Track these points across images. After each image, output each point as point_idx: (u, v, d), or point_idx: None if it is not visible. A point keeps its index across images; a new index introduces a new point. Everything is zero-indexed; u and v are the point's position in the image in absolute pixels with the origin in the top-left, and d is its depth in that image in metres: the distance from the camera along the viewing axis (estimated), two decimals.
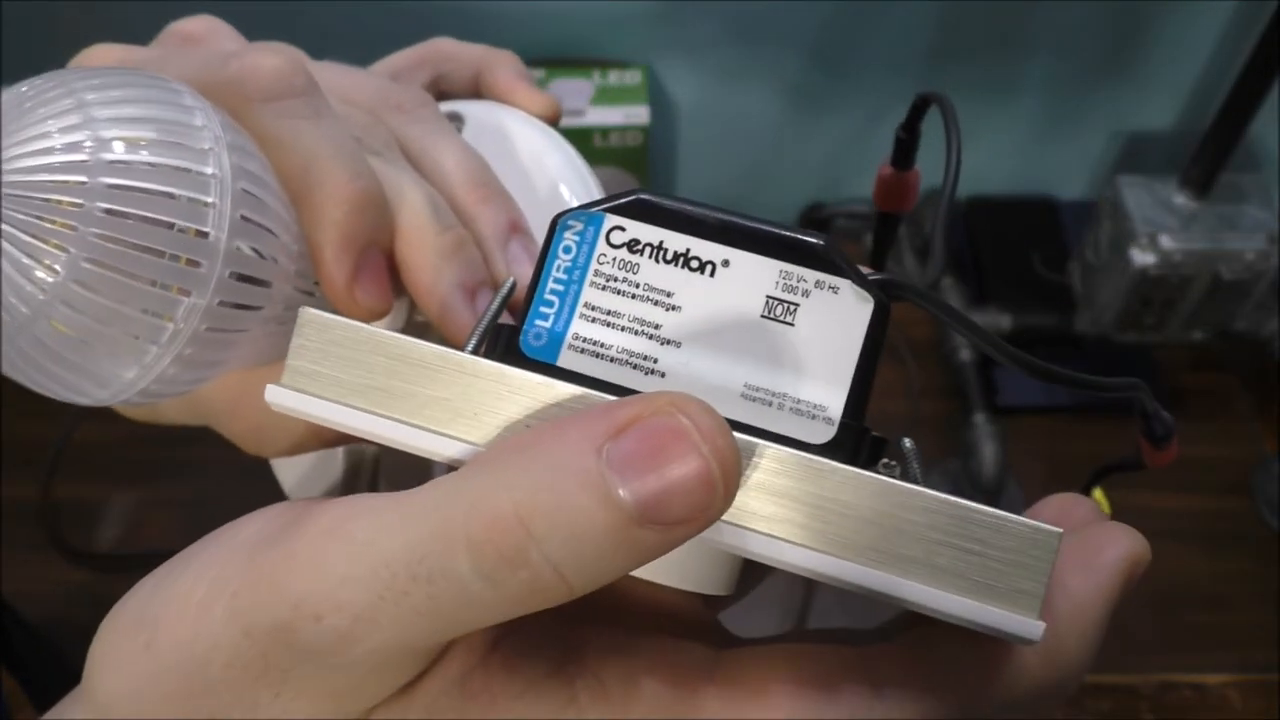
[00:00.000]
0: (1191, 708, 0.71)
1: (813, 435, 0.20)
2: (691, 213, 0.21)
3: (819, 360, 0.20)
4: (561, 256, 0.21)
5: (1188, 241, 0.74)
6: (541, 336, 0.21)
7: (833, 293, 0.20)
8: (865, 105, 0.90)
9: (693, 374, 0.20)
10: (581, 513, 0.16)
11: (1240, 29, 0.83)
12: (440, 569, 0.17)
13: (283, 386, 0.20)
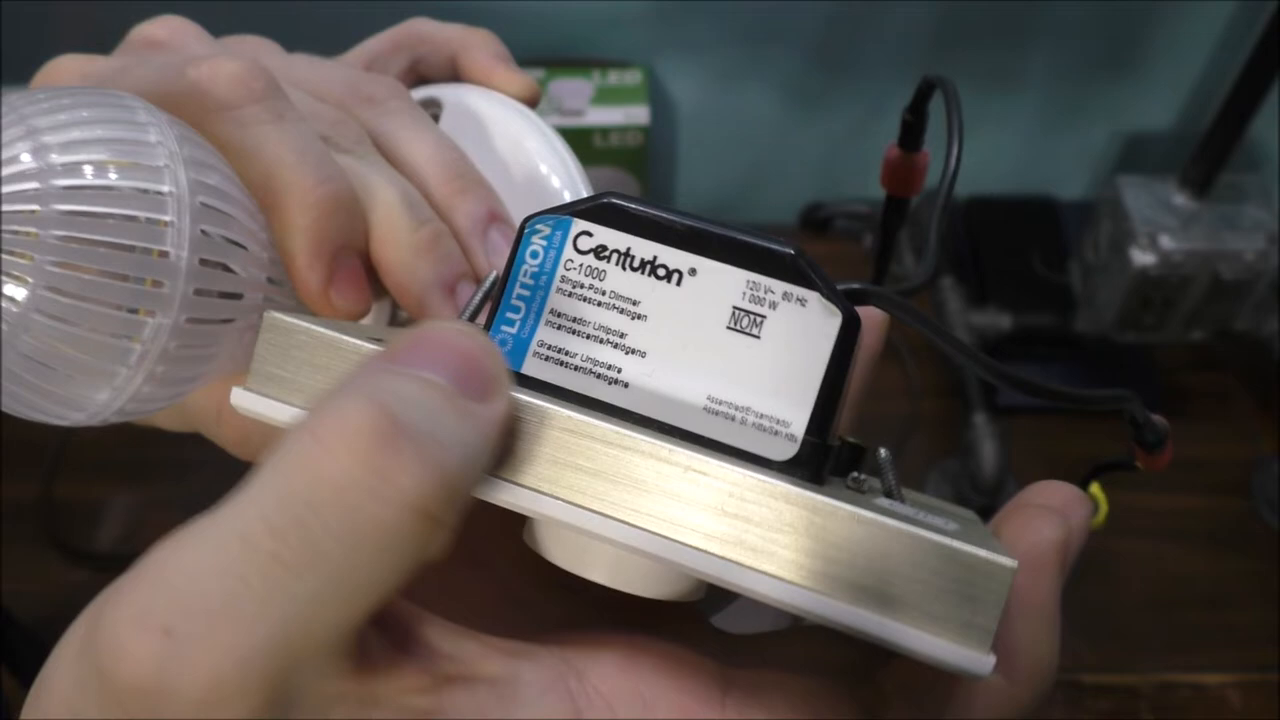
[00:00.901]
0: (1191, 708, 0.71)
1: (774, 451, 0.20)
2: (659, 219, 0.20)
3: (784, 375, 0.20)
4: (529, 261, 0.21)
5: (1188, 241, 0.74)
6: (507, 343, 0.21)
7: (800, 305, 0.20)
8: (865, 105, 0.90)
9: (656, 385, 0.20)
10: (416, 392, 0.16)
11: (1240, 29, 0.83)
12: (308, 501, 0.15)
13: (247, 390, 0.20)
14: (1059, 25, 0.84)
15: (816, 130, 0.92)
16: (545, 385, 0.21)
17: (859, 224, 0.95)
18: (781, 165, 0.95)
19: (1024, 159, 0.94)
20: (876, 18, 0.84)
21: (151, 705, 0.14)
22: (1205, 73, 0.87)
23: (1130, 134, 0.92)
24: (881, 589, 0.17)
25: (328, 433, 0.15)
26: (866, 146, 0.94)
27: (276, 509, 0.15)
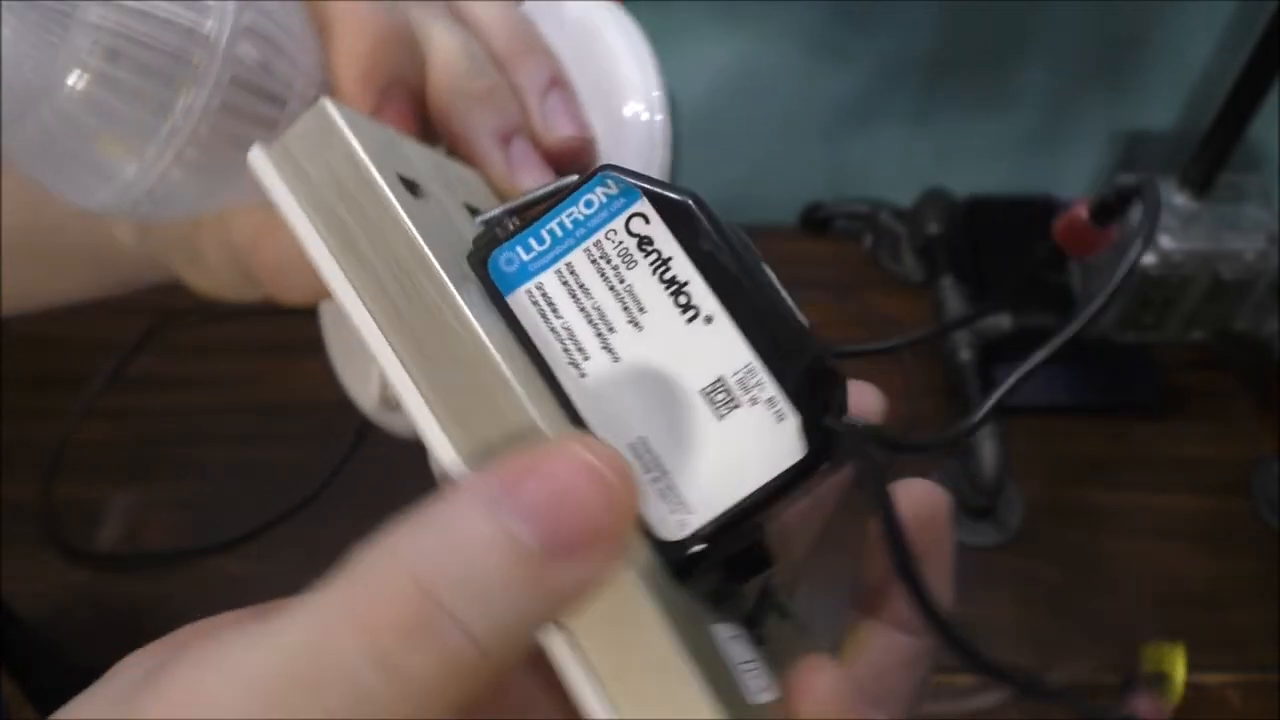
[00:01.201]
0: (1191, 708, 0.71)
1: (663, 528, 0.19)
2: (717, 251, 0.19)
3: (719, 470, 0.19)
4: (579, 207, 0.19)
5: (1188, 241, 0.74)
6: (513, 263, 0.19)
7: (777, 418, 0.19)
8: (866, 105, 0.90)
9: (607, 393, 0.19)
10: (480, 553, 0.15)
11: (1240, 29, 0.83)
12: (326, 665, 0.15)
13: (267, 155, 0.19)
14: (1059, 25, 0.84)
15: (817, 130, 0.92)
16: (518, 328, 0.19)
17: (859, 224, 0.95)
18: (781, 165, 0.95)
19: (1024, 159, 0.94)
20: (878, 17, 0.84)
21: None
22: (1205, 73, 0.87)
23: (1130, 134, 0.92)
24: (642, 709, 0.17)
25: (360, 602, 0.15)
26: (867, 146, 0.94)
27: (299, 657, 0.15)
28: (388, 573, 0.15)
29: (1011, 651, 0.73)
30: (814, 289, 0.90)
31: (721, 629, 0.19)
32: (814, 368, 0.19)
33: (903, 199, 0.97)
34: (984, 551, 0.78)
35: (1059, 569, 0.77)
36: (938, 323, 0.86)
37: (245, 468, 0.78)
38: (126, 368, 0.87)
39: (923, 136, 0.93)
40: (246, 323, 0.89)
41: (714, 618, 0.20)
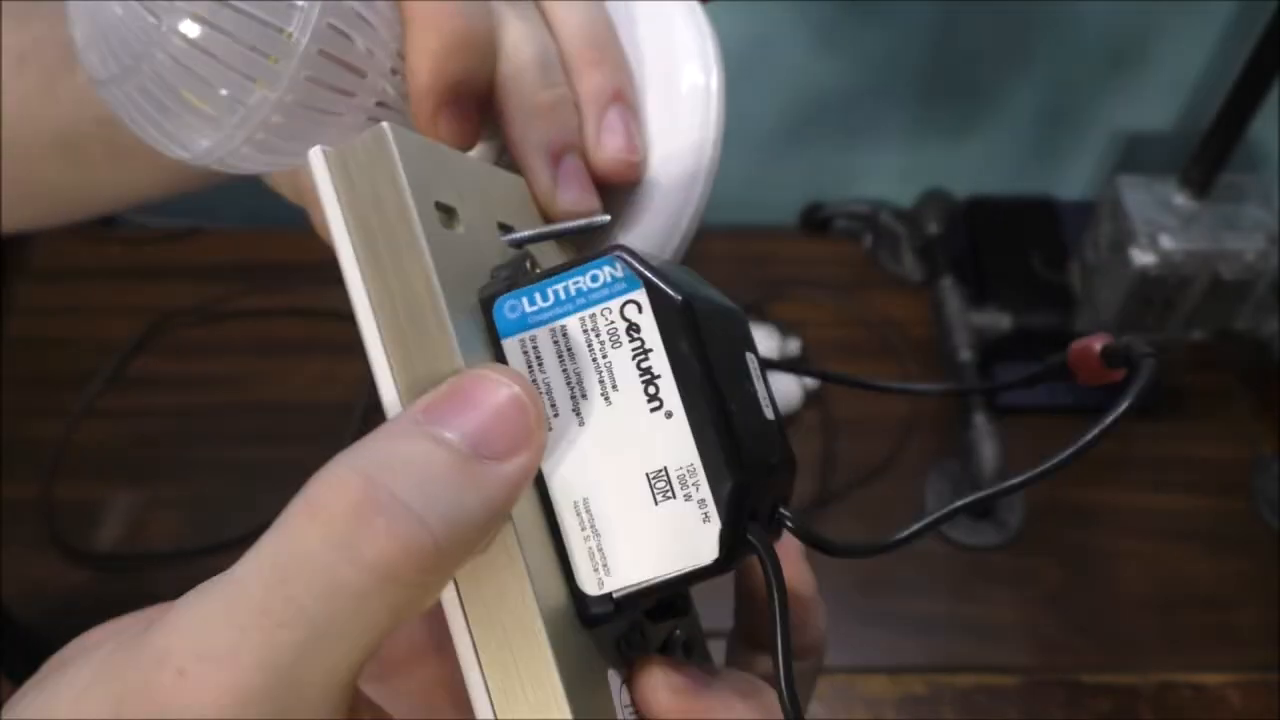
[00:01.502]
0: (1191, 708, 0.71)
1: (584, 580, 0.21)
2: (692, 360, 0.20)
3: (643, 547, 0.20)
4: (586, 279, 0.21)
5: (1188, 241, 0.74)
6: (516, 311, 0.21)
7: (703, 518, 0.20)
8: (867, 105, 0.90)
9: (566, 450, 0.21)
10: (420, 456, 0.17)
11: (1240, 29, 0.83)
12: (292, 562, 0.17)
13: (325, 159, 0.20)
14: (1060, 26, 0.84)
15: (817, 130, 0.92)
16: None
17: (859, 224, 0.95)
18: (781, 165, 0.95)
19: (1024, 159, 0.94)
20: (878, 17, 0.84)
21: (159, 716, 0.16)
22: (1205, 73, 0.87)
23: (1130, 134, 0.92)
24: None
25: (313, 502, 0.17)
26: (868, 147, 0.94)
27: (269, 569, 0.17)
28: (337, 474, 0.17)
29: (1011, 651, 0.73)
30: (814, 289, 0.91)
31: (616, 674, 0.22)
32: (746, 487, 0.20)
33: (903, 199, 0.97)
34: (984, 551, 0.78)
35: (1059, 569, 0.77)
36: (938, 323, 0.85)
37: (245, 468, 0.78)
38: (126, 368, 0.87)
39: (923, 136, 0.93)
40: (246, 323, 0.89)
41: (613, 659, 0.22)
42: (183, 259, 0.94)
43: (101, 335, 0.88)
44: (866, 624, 0.74)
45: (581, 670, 0.20)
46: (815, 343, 0.87)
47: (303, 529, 0.17)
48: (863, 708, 0.70)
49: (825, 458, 0.82)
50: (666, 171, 0.29)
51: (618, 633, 0.22)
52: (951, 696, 0.71)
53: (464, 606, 0.19)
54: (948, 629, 0.74)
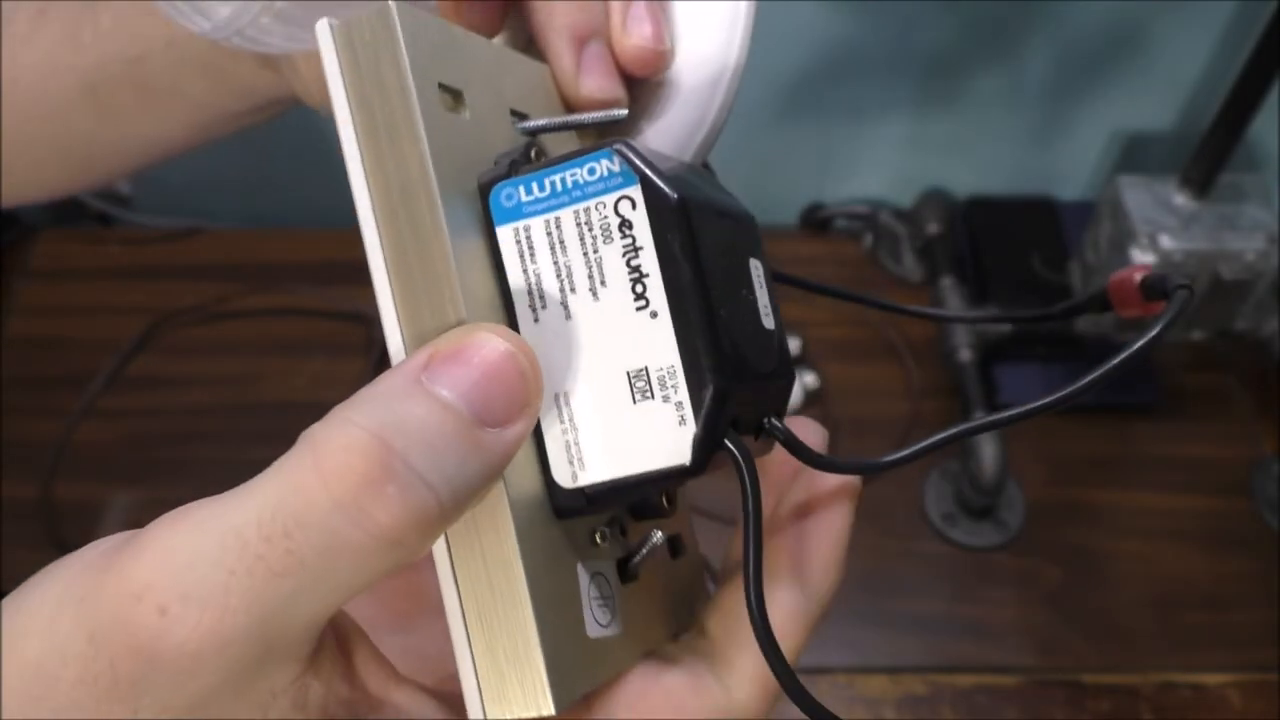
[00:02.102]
0: (1191, 708, 0.71)
1: (558, 471, 0.21)
2: (683, 256, 0.20)
3: (618, 444, 0.20)
4: (584, 171, 0.21)
5: (1188, 241, 0.74)
6: (512, 199, 0.21)
7: (679, 420, 0.20)
8: (866, 105, 0.90)
9: (550, 342, 0.21)
10: (429, 420, 0.17)
11: (1240, 29, 0.83)
12: (296, 517, 0.16)
13: (331, 33, 0.20)
14: (1060, 25, 0.84)
15: (816, 130, 0.92)
16: (497, 257, 0.21)
17: (859, 224, 0.95)
18: (781, 165, 0.95)
19: (1024, 159, 0.94)
20: (878, 17, 0.84)
21: (139, 666, 0.16)
22: (1205, 73, 0.87)
23: (1130, 134, 0.92)
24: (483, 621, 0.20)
25: (325, 459, 0.17)
26: (868, 146, 0.94)
27: (269, 517, 0.17)
28: (349, 434, 0.17)
29: (1012, 651, 0.73)
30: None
31: (587, 565, 0.22)
32: (725, 392, 0.20)
33: (903, 199, 0.97)
34: (984, 551, 0.78)
35: (1059, 569, 0.77)
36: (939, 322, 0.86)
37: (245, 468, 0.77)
38: (126, 368, 0.87)
39: (923, 137, 0.93)
40: (246, 323, 0.89)
41: (585, 553, 0.22)
42: (183, 259, 0.94)
43: (101, 335, 0.88)
44: (866, 624, 0.74)
45: (548, 559, 0.20)
46: (815, 343, 0.87)
47: (311, 487, 0.17)
48: (863, 708, 0.70)
49: None
50: (691, 72, 0.28)
51: (594, 526, 0.22)
52: (951, 696, 0.71)
53: None
54: (948, 629, 0.74)
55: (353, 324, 0.87)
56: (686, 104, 0.28)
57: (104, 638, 0.17)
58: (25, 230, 0.97)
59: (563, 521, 0.21)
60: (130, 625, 0.16)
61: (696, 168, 0.24)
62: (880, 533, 0.78)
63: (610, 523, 0.23)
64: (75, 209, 0.99)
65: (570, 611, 0.21)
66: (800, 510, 0.24)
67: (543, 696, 0.19)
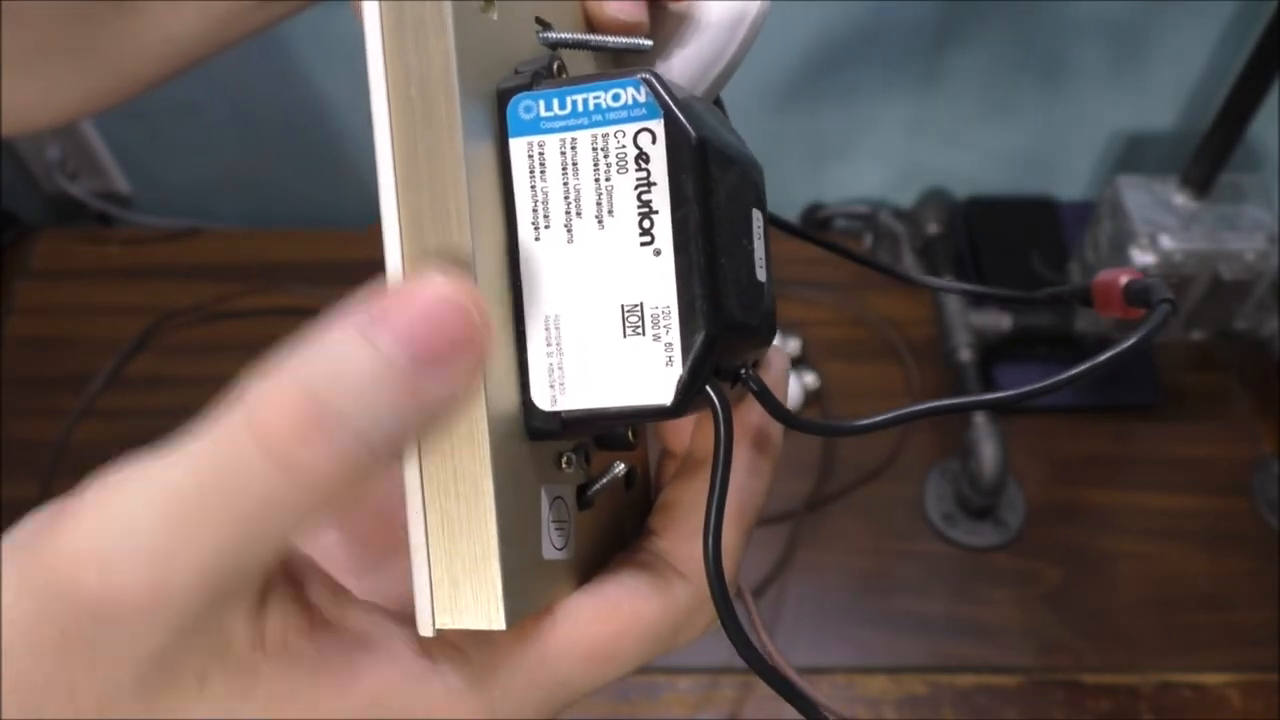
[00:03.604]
0: (1191, 708, 0.71)
1: (539, 394, 0.21)
2: (696, 199, 0.20)
3: (601, 375, 0.20)
4: (608, 96, 0.20)
5: (1188, 241, 0.74)
6: (530, 112, 0.21)
7: (666, 361, 0.20)
8: (866, 105, 0.90)
9: (548, 263, 0.21)
10: (363, 369, 0.17)
11: (1240, 29, 0.83)
12: (231, 471, 0.17)
13: None
14: (1060, 25, 0.84)
15: (816, 130, 0.92)
16: (506, 169, 0.21)
17: (859, 224, 0.95)
18: (781, 165, 0.95)
19: (1024, 159, 0.94)
20: (878, 17, 0.84)
21: (89, 626, 0.17)
22: (1205, 73, 0.87)
23: (1130, 134, 0.92)
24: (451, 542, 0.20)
25: (254, 416, 0.17)
26: (867, 146, 0.94)
27: (206, 475, 0.17)
28: (277, 384, 0.17)
29: (1012, 651, 0.73)
30: (814, 289, 0.91)
31: (550, 489, 0.22)
32: (715, 340, 0.20)
33: (903, 199, 0.97)
34: (984, 551, 0.78)
35: (1059, 569, 0.77)
36: (938, 323, 0.86)
37: None
38: (126, 368, 0.87)
39: (923, 137, 0.93)
40: (246, 323, 0.89)
41: (550, 476, 0.22)
42: (183, 259, 0.94)
43: (101, 335, 0.88)
44: (866, 624, 0.74)
45: (515, 477, 0.20)
46: (815, 343, 0.87)
47: (242, 442, 0.17)
48: (863, 708, 0.70)
49: (825, 458, 0.82)
50: (717, 6, 0.28)
51: (561, 450, 0.22)
52: (951, 696, 0.71)
53: None
54: (948, 629, 0.74)
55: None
56: (708, 37, 0.28)
57: (51, 605, 0.17)
58: (25, 230, 0.97)
59: (532, 443, 0.21)
60: (76, 589, 0.17)
61: (712, 107, 0.24)
62: (880, 533, 0.78)
63: (576, 449, 0.23)
64: (75, 209, 0.99)
65: (530, 532, 0.21)
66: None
67: (495, 611, 0.19)
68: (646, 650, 0.22)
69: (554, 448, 0.22)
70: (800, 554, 0.76)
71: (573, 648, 0.21)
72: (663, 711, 0.70)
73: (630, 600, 0.22)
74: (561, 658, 0.21)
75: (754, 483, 0.24)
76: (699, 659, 0.71)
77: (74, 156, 0.97)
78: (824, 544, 0.77)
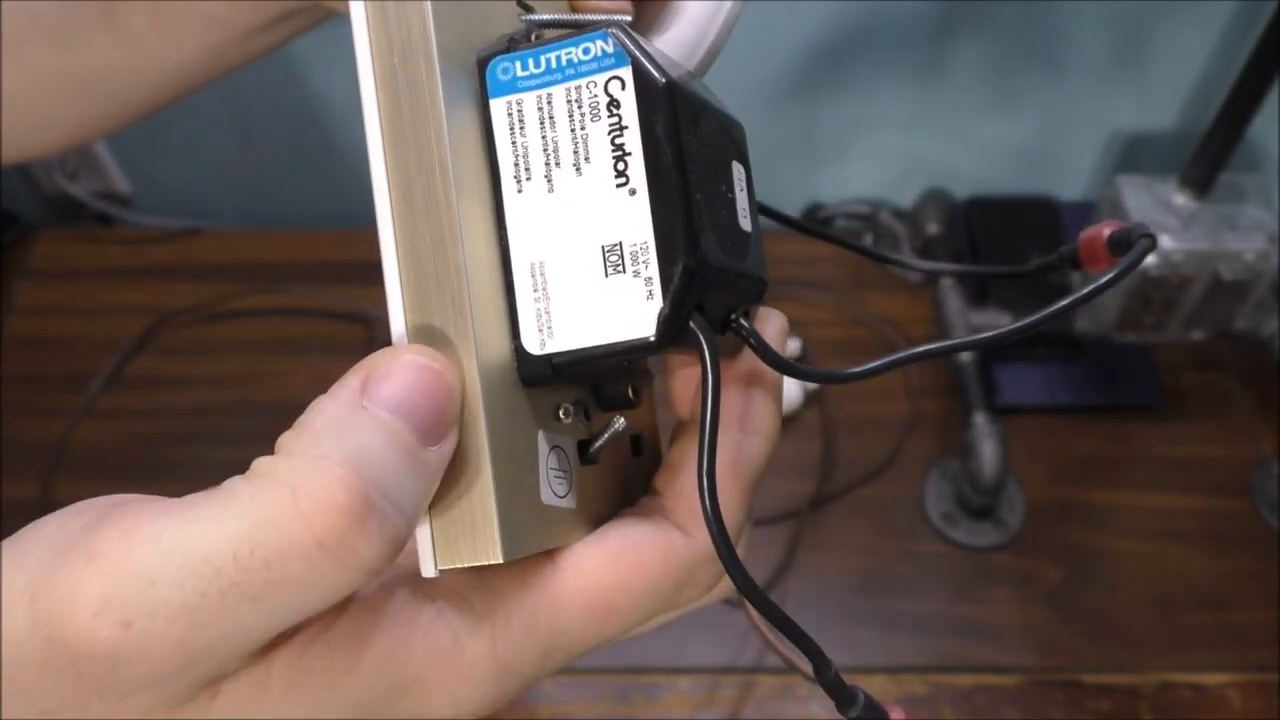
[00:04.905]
0: (1191, 708, 0.71)
1: (529, 339, 0.21)
2: (665, 139, 0.21)
3: (587, 315, 0.21)
4: (578, 51, 0.21)
5: (1188, 241, 0.74)
6: (508, 74, 0.22)
7: (647, 295, 0.21)
8: (866, 105, 0.90)
9: (532, 212, 0.21)
10: (388, 450, 0.18)
11: (1240, 29, 0.83)
12: (278, 552, 0.17)
13: None
14: (1060, 25, 0.84)
15: (816, 130, 0.92)
16: (488, 128, 0.22)
17: (859, 224, 0.95)
18: (781, 165, 0.95)
19: (1024, 159, 0.94)
20: (878, 17, 0.84)
21: (104, 669, 0.17)
22: (1205, 73, 0.87)
23: (1130, 134, 0.92)
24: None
25: (305, 498, 0.17)
26: (866, 146, 0.94)
27: (248, 550, 0.17)
28: (325, 470, 0.17)
29: (1012, 651, 0.73)
30: (814, 289, 0.91)
31: (549, 436, 0.22)
32: (693, 271, 0.21)
33: (903, 199, 0.97)
34: (984, 551, 0.78)
35: (1059, 569, 0.77)
36: (938, 323, 0.86)
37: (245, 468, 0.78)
38: (126, 368, 0.87)
39: (923, 136, 0.93)
40: (246, 323, 0.89)
41: (548, 425, 0.22)
42: (183, 259, 0.94)
43: (101, 335, 0.88)
44: (866, 624, 0.74)
45: (509, 420, 0.21)
46: (815, 343, 0.87)
47: (293, 523, 0.17)
48: None
49: (825, 458, 0.82)
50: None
51: (559, 402, 0.23)
52: (951, 696, 0.71)
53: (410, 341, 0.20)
54: (948, 629, 0.74)
55: (353, 324, 0.87)
56: (689, 21, 0.29)
57: (64, 643, 0.17)
58: (25, 230, 0.97)
59: (528, 392, 0.22)
60: (91, 636, 0.17)
61: (694, 74, 0.25)
62: (880, 533, 0.78)
63: (576, 404, 0.23)
64: (75, 209, 0.99)
65: (527, 474, 0.21)
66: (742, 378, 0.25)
67: (493, 545, 0.20)
68: (647, 604, 0.22)
69: (551, 400, 0.23)
70: (800, 554, 0.76)
71: (573, 597, 0.21)
72: (663, 711, 0.70)
73: (632, 552, 0.22)
74: (562, 606, 0.21)
75: (750, 440, 0.24)
76: (699, 659, 0.71)
77: (74, 156, 0.97)
78: (824, 544, 0.77)
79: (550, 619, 0.21)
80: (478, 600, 0.21)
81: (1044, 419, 0.84)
